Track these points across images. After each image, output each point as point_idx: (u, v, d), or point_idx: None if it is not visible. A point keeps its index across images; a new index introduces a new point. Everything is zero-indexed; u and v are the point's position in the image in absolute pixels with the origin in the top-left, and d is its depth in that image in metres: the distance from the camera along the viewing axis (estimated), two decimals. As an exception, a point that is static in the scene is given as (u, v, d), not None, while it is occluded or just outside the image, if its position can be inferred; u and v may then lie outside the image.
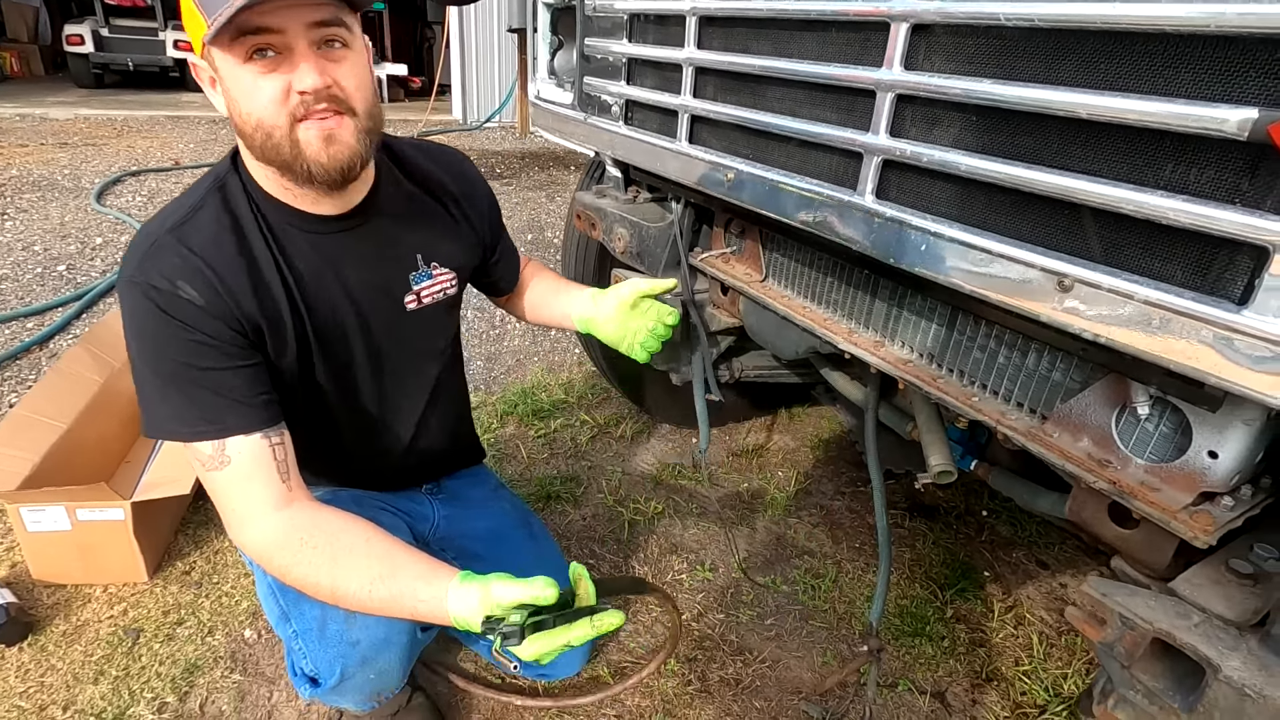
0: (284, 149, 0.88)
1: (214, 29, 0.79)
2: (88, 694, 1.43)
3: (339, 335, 1.06)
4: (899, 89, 0.85)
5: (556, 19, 1.75)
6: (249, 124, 0.87)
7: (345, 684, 1.06)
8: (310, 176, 0.91)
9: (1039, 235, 0.75)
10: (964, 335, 0.99)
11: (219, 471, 0.91)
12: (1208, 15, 0.58)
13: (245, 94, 0.86)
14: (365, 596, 0.89)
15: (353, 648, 1.03)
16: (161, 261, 0.89)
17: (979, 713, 1.52)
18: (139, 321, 0.90)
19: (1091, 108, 0.67)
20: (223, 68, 0.86)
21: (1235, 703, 0.64)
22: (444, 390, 1.27)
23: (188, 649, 1.54)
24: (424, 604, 0.87)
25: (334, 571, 0.90)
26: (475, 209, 1.22)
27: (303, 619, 1.06)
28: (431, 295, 1.15)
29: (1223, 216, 0.59)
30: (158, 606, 1.64)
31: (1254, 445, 0.72)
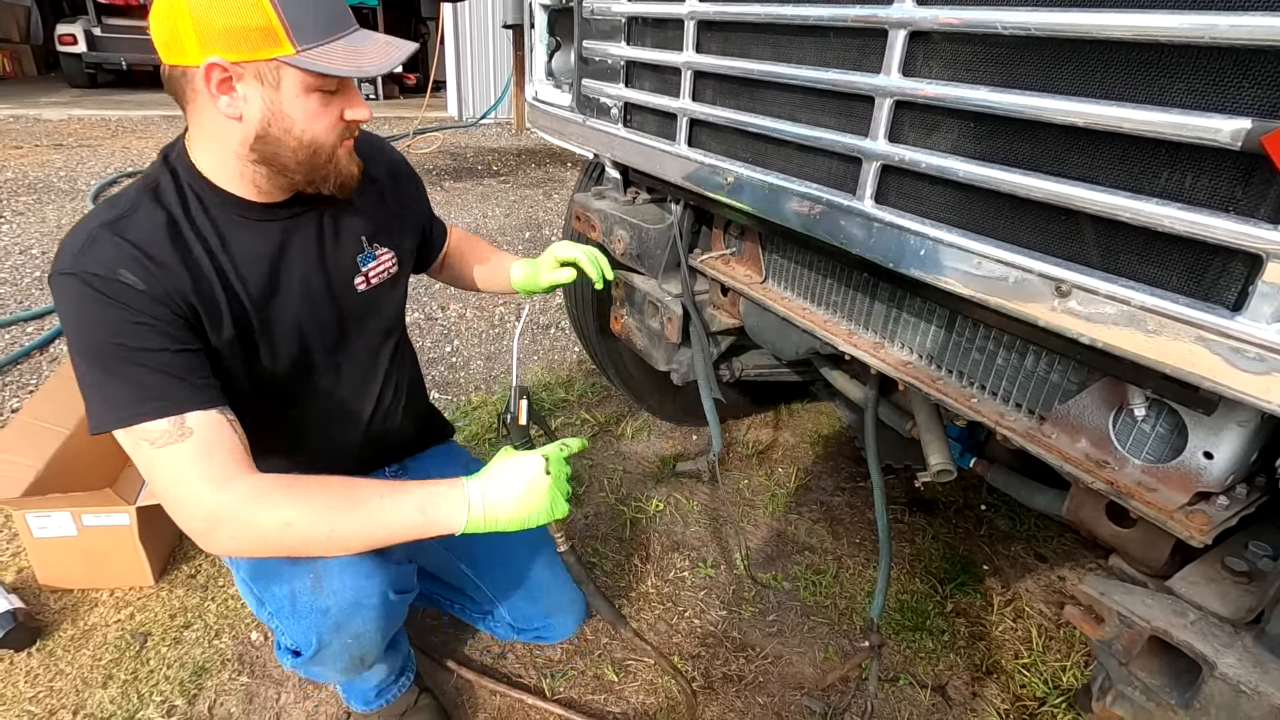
0: (324, 165, 0.97)
1: (319, 69, 0.88)
2: (97, 698, 1.44)
3: (291, 321, 1.08)
4: (897, 95, 0.86)
5: (554, 20, 1.75)
6: (296, 140, 0.93)
7: (324, 652, 1.06)
8: (338, 186, 1.00)
9: (1036, 240, 0.76)
10: (963, 337, 1.01)
11: (179, 444, 0.89)
12: (1201, 27, 0.59)
13: (305, 117, 0.92)
14: (371, 512, 0.92)
15: (324, 615, 1.03)
16: (99, 252, 0.89)
17: (979, 705, 1.54)
18: (78, 311, 0.88)
19: (1087, 116, 0.68)
20: (284, 87, 0.90)
21: (1231, 699, 0.66)
22: (397, 368, 1.30)
23: (195, 652, 1.55)
24: (438, 501, 0.94)
25: (331, 499, 0.92)
26: (407, 191, 1.28)
27: (274, 600, 1.07)
28: (378, 275, 1.19)
29: (1217, 224, 0.61)
30: (164, 610, 1.65)
31: (1248, 446, 0.73)
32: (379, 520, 0.93)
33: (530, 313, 3.31)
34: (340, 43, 0.91)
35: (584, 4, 1.47)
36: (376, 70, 0.91)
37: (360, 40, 0.93)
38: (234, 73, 0.87)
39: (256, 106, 0.90)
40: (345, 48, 0.91)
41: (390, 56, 0.93)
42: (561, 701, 1.47)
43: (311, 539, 0.91)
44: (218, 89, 0.88)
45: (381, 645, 1.14)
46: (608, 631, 1.64)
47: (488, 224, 4.61)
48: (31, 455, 1.68)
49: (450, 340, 3.02)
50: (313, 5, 0.88)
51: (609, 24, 1.42)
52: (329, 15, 0.90)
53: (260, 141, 0.92)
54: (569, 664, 1.56)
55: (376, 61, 0.91)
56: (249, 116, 0.91)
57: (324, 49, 0.88)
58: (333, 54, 0.89)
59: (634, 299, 1.63)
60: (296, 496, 0.91)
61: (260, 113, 0.90)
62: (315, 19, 0.88)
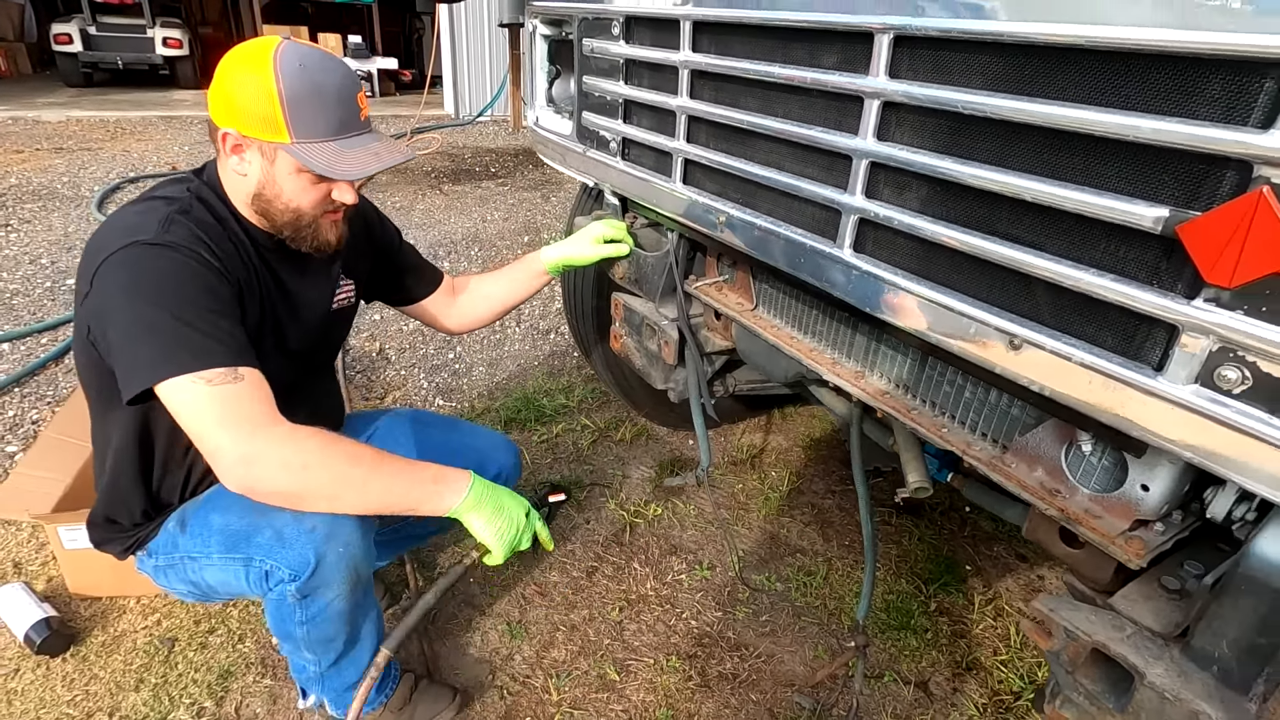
0: (305, 228, 1.17)
1: (303, 161, 1.07)
2: (130, 701, 1.53)
3: (280, 329, 1.25)
4: (872, 157, 0.95)
5: (554, 50, 1.82)
6: (283, 206, 1.14)
7: (323, 566, 1.13)
8: (314, 248, 1.20)
9: (994, 296, 0.85)
10: (935, 371, 1.10)
11: (233, 384, 1.01)
12: (1126, 126, 0.67)
13: (293, 191, 1.12)
14: (397, 470, 1.10)
15: (312, 532, 1.12)
16: (180, 231, 1.06)
17: (959, 700, 1.64)
18: (160, 272, 1.02)
19: (1034, 192, 0.76)
20: (278, 165, 1.10)
21: (1158, 705, 0.75)
22: (333, 379, 1.56)
23: (220, 656, 1.64)
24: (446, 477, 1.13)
25: (363, 454, 1.08)
26: (382, 233, 1.51)
27: (261, 546, 1.15)
28: (342, 301, 1.40)
29: (1142, 296, 0.69)
30: (189, 616, 1.74)
31: (1180, 480, 0.83)
32: (401, 480, 1.11)
33: (530, 318, 3.39)
34: (334, 144, 1.10)
35: (584, 42, 1.55)
36: (350, 175, 1.10)
37: (354, 145, 1.12)
38: (244, 143, 1.09)
39: (256, 172, 1.12)
40: (336, 149, 1.10)
41: (368, 166, 1.11)
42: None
43: (343, 486, 1.06)
44: (230, 150, 1.11)
45: (369, 557, 1.22)
46: (610, 634, 1.73)
47: (487, 229, 4.68)
48: (58, 471, 1.77)
49: (453, 348, 3.10)
50: (318, 110, 1.08)
51: (608, 63, 1.49)
52: (333, 121, 1.10)
53: (258, 198, 1.14)
54: (574, 664, 1.66)
55: (356, 168, 1.10)
56: (251, 176, 1.12)
57: (317, 146, 1.08)
58: (322, 152, 1.08)
59: (632, 321, 1.72)
60: (335, 445, 1.08)
61: (259, 177, 1.12)
62: (318, 121, 1.08)
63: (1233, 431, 0.65)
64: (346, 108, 1.11)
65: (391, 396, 2.73)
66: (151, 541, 1.29)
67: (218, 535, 1.20)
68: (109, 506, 1.29)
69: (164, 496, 1.29)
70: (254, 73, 1.05)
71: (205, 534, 1.21)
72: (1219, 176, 0.63)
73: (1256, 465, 0.64)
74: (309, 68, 1.07)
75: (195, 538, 1.22)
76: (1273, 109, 0.58)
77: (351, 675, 1.36)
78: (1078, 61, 0.71)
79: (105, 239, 1.05)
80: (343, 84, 1.11)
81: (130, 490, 1.25)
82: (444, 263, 4.03)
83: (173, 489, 1.29)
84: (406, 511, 1.13)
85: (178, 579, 1.28)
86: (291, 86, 1.05)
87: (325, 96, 1.08)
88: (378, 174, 1.26)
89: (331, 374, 1.55)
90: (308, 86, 1.07)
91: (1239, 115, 0.61)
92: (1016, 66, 0.77)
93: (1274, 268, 0.60)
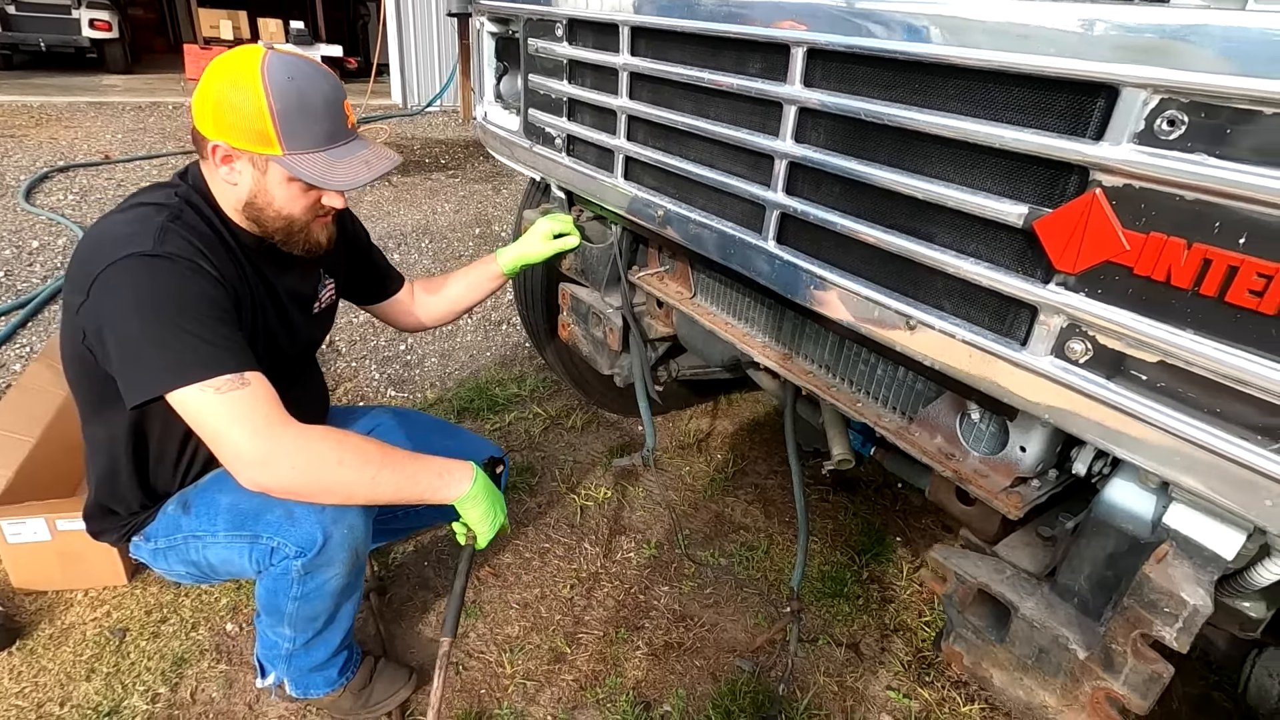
0: (297, 233, 1.21)
1: (294, 172, 1.11)
2: (82, 690, 1.54)
3: (271, 331, 1.29)
4: (790, 158, 1.04)
5: (501, 47, 1.88)
6: (274, 213, 1.17)
7: (330, 544, 1.18)
8: (306, 250, 1.22)
9: (894, 282, 0.96)
10: (851, 351, 1.21)
11: (241, 390, 1.05)
12: (992, 135, 0.78)
13: (284, 199, 1.16)
14: (404, 465, 1.15)
15: (321, 511, 1.18)
16: (176, 241, 1.09)
17: (886, 659, 1.78)
18: (162, 284, 1.05)
19: (923, 191, 0.87)
20: (269, 175, 1.13)
21: (1029, 633, 0.88)
22: (317, 370, 1.62)
23: (173, 644, 1.66)
24: (453, 470, 1.22)
25: (373, 450, 1.13)
26: (354, 233, 1.56)
27: (271, 524, 1.19)
28: (327, 299, 1.46)
29: (1010, 281, 0.81)
30: (140, 607, 1.75)
31: (1051, 441, 0.95)
32: (409, 472, 1.17)
33: (483, 310, 3.42)
34: (324, 154, 1.14)
35: (529, 42, 1.61)
36: (342, 186, 1.15)
37: (345, 154, 1.16)
38: (234, 154, 1.12)
39: (247, 182, 1.15)
40: (327, 159, 1.14)
41: (360, 176, 1.16)
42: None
43: (357, 480, 1.12)
44: (220, 162, 1.13)
45: (368, 540, 1.28)
46: (561, 609, 1.82)
47: (437, 221, 4.67)
48: (1, 465, 1.75)
49: (404, 340, 3.12)
50: (309, 122, 1.11)
51: (553, 62, 1.56)
52: (323, 132, 1.13)
53: (249, 206, 1.17)
54: (526, 639, 1.73)
55: (348, 178, 1.15)
56: (242, 185, 1.15)
57: (308, 157, 1.12)
58: (313, 162, 1.12)
59: (579, 310, 1.79)
60: (346, 442, 1.12)
61: (250, 187, 1.15)
62: (308, 133, 1.11)
63: (1078, 395, 0.77)
64: (335, 117, 1.15)
65: (343, 389, 2.74)
66: (149, 526, 1.33)
67: (225, 514, 1.24)
68: (106, 499, 1.32)
69: (161, 486, 1.33)
70: (243, 86, 1.07)
71: (212, 513, 1.25)
72: (1066, 180, 0.75)
73: (1096, 422, 0.76)
74: (297, 79, 1.10)
75: (200, 517, 1.26)
76: (1103, 123, 0.70)
77: (319, 656, 1.41)
78: (956, 78, 0.82)
79: (99, 249, 1.07)
80: (330, 94, 1.15)
81: (128, 483, 1.29)
82: (394, 255, 4.02)
83: (169, 480, 1.32)
84: (415, 502, 1.20)
85: (178, 560, 1.32)
86: (281, 99, 1.08)
87: (314, 108, 1.12)
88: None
89: (315, 367, 1.61)
90: (297, 99, 1.10)
91: (1079, 128, 0.73)
92: (907, 81, 0.87)
93: (1106, 256, 0.72)
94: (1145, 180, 0.68)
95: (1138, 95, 0.67)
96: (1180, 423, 0.70)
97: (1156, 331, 0.70)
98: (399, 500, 1.18)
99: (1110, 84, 0.68)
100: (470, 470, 1.23)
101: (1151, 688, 0.78)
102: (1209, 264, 0.65)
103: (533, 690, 1.61)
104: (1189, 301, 0.68)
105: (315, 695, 1.48)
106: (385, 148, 1.25)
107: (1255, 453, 0.66)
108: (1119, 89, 0.68)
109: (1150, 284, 0.70)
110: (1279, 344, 0.63)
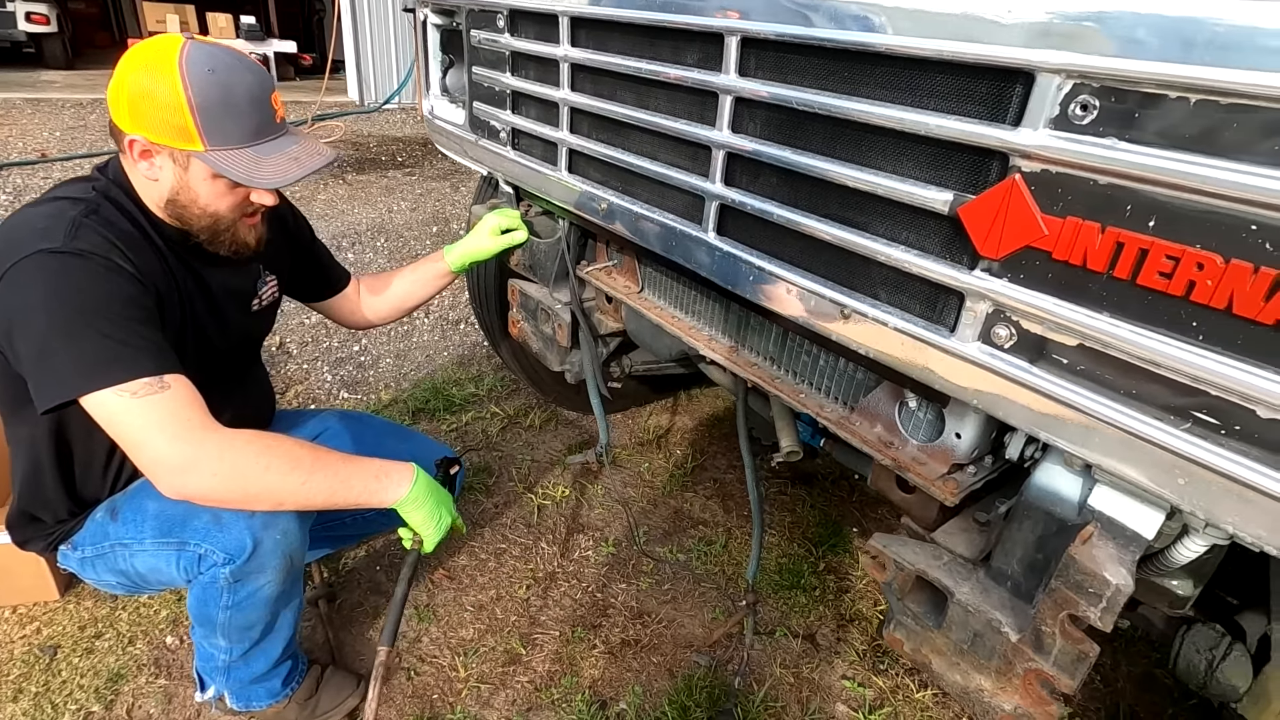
0: (223, 232, 1.16)
1: (218, 169, 1.05)
2: (8, 711, 1.47)
3: (202, 329, 1.24)
4: (727, 147, 1.04)
5: (446, 39, 1.84)
6: (199, 210, 1.12)
7: (260, 550, 1.14)
8: (232, 251, 1.18)
9: (830, 272, 0.96)
10: (795, 343, 1.21)
11: (160, 394, 0.99)
12: (918, 122, 0.79)
13: (209, 196, 1.10)
14: (337, 469, 1.10)
15: (251, 517, 1.13)
16: (89, 236, 1.03)
17: (842, 649, 1.79)
18: (71, 283, 0.99)
19: (854, 179, 0.87)
20: (192, 172, 1.08)
21: (964, 618, 0.89)
22: (261, 370, 1.57)
23: (109, 660, 1.59)
24: (390, 472, 1.17)
25: (303, 454, 1.08)
26: (296, 228, 1.51)
27: (198, 530, 1.15)
28: (267, 297, 1.41)
29: (938, 269, 0.81)
30: (73, 623, 1.67)
31: (986, 427, 0.96)
32: (342, 476, 1.11)
33: (440, 309, 3.37)
34: (250, 150, 1.08)
35: (472, 33, 1.58)
36: (269, 184, 1.09)
37: (271, 150, 1.10)
38: (153, 149, 1.06)
39: (169, 178, 1.10)
40: (253, 156, 1.08)
41: (289, 173, 1.10)
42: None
43: (286, 486, 1.06)
44: (139, 157, 1.08)
45: (304, 546, 1.24)
46: (517, 611, 1.79)
47: (393, 219, 4.58)
48: (-81, 478, 1.66)
49: (358, 340, 3.05)
50: (232, 117, 1.06)
51: (496, 55, 1.53)
52: (248, 127, 1.08)
53: (172, 203, 1.12)
54: (481, 642, 1.71)
55: (276, 176, 1.09)
56: (164, 181, 1.10)
57: (232, 153, 1.07)
58: (238, 159, 1.07)
59: (528, 306, 1.77)
60: (275, 447, 1.07)
61: (172, 183, 1.10)
62: (233, 128, 1.06)
63: (1004, 380, 0.77)
64: (261, 111, 1.10)
65: (293, 391, 2.67)
66: (77, 534, 1.27)
67: (152, 520, 1.18)
68: (30, 505, 1.26)
69: (89, 494, 1.27)
70: (159, 78, 1.02)
71: (139, 520, 1.20)
72: (988, 166, 0.75)
73: (1021, 406, 0.77)
74: (219, 71, 1.04)
75: (128, 524, 1.21)
76: (1020, 109, 0.70)
77: (259, 667, 1.36)
78: (884, 66, 0.82)
79: (9, 245, 1.01)
80: (256, 87, 1.09)
81: (53, 488, 1.23)
82: (349, 254, 3.93)
83: (99, 486, 1.27)
84: (353, 506, 1.15)
85: (106, 569, 1.26)
86: (202, 93, 1.02)
87: (238, 102, 1.06)
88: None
89: (259, 366, 1.54)
90: (219, 92, 1.04)
91: (999, 114, 0.73)
92: (838, 69, 0.87)
93: (1027, 241, 0.72)
94: (1061, 165, 0.68)
95: (1052, 80, 0.67)
96: (1099, 405, 0.71)
97: (1075, 315, 0.71)
98: (334, 505, 1.14)
99: (1026, 70, 0.69)
100: (410, 472, 1.19)
101: (1079, 667, 0.79)
102: (1121, 247, 0.66)
103: (487, 693, 1.59)
104: (1105, 285, 0.69)
105: (258, 707, 1.43)
106: (319, 143, 1.21)
107: (1169, 433, 0.67)
108: (1034, 74, 0.68)
109: (1068, 268, 0.70)
110: (1187, 325, 0.64)
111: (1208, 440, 0.65)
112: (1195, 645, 0.99)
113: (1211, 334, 0.63)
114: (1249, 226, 0.58)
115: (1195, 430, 0.66)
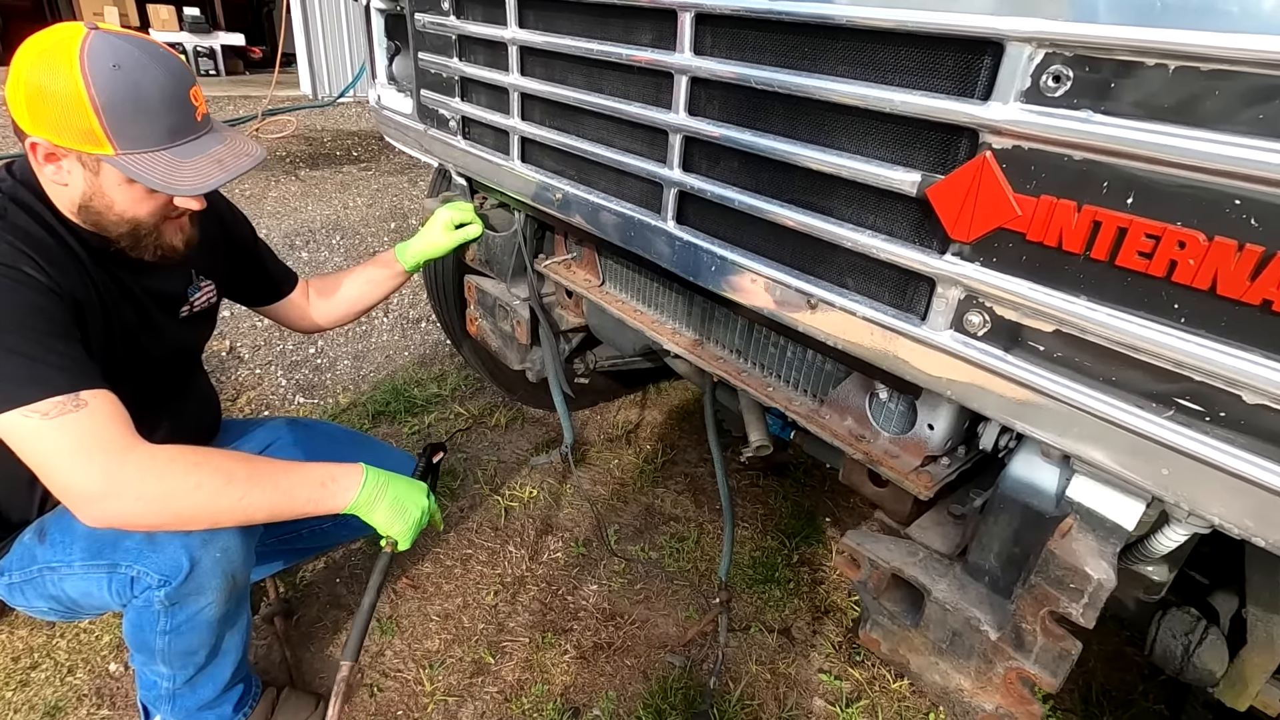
0: (145, 237, 1.06)
1: (132, 175, 0.96)
2: (-66, 755, 1.37)
3: (133, 339, 1.16)
4: (685, 131, 0.98)
5: (391, 25, 1.75)
6: (116, 217, 1.02)
7: (197, 571, 1.07)
8: (158, 256, 1.09)
9: (795, 260, 0.91)
10: (761, 334, 1.17)
11: (75, 413, 0.92)
12: (883, 99, 0.74)
13: (125, 202, 1.00)
14: (278, 480, 1.02)
15: (187, 535, 1.06)
16: None
17: (818, 642, 1.77)
18: None
19: (817, 161, 0.83)
20: (103, 176, 0.98)
21: (941, 616, 0.85)
22: (203, 377, 1.48)
23: (46, 692, 1.49)
24: (337, 476, 1.09)
25: (238, 467, 1.00)
26: (235, 228, 1.41)
27: (130, 551, 1.07)
28: (202, 302, 1.32)
29: (907, 254, 0.77)
30: (6, 654, 1.57)
31: (959, 418, 0.93)
32: (284, 487, 1.03)
33: (400, 307, 3.27)
34: (167, 153, 0.98)
35: (416, 17, 1.50)
36: (190, 191, 0.99)
37: (191, 152, 1.00)
38: (59, 153, 0.96)
39: (79, 183, 0.99)
40: (171, 159, 0.98)
41: (211, 177, 1.01)
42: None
43: (220, 504, 0.98)
44: (44, 160, 0.98)
45: (248, 564, 1.17)
46: (485, 618, 1.73)
47: (349, 215, 4.44)
48: None
49: (314, 342, 2.94)
50: (144, 118, 0.95)
51: (442, 39, 1.45)
52: (164, 128, 0.98)
53: (85, 210, 1.02)
54: (447, 653, 1.64)
55: (197, 181, 0.99)
56: (74, 186, 1.00)
57: (147, 156, 0.97)
58: (155, 163, 0.97)
59: (485, 302, 1.70)
60: (204, 462, 0.98)
61: (83, 189, 1.00)
62: (145, 129, 0.96)
63: (978, 369, 0.74)
64: (178, 110, 0.99)
65: (246, 397, 2.55)
66: (3, 559, 1.18)
67: (81, 541, 1.10)
68: None
69: (15, 516, 1.18)
70: (57, 74, 0.91)
71: (67, 541, 1.11)
72: (957, 144, 0.71)
73: (996, 395, 0.74)
74: (126, 68, 0.93)
75: (56, 546, 1.12)
76: (990, 82, 0.66)
77: (206, 693, 1.28)
78: (845, 40, 0.78)
79: None
80: (170, 83, 0.98)
81: None
82: (302, 253, 3.80)
83: (25, 507, 1.18)
84: (301, 515, 1.07)
85: (36, 595, 1.17)
86: (107, 92, 0.92)
87: (149, 100, 0.96)
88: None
89: (200, 374, 1.45)
90: (127, 91, 0.94)
91: (967, 88, 0.69)
92: (798, 45, 0.82)
93: (999, 222, 0.68)
94: (1034, 140, 0.64)
95: (1023, 50, 0.63)
96: (1077, 393, 0.68)
97: (1051, 300, 0.67)
98: (280, 518, 1.06)
99: (995, 39, 0.65)
100: (358, 473, 1.12)
101: (1061, 665, 0.76)
102: (1099, 226, 0.62)
103: (454, 706, 1.53)
104: (1081, 267, 0.65)
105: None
106: (247, 140, 1.10)
107: (1150, 421, 0.64)
108: (1004, 44, 0.64)
109: (1044, 250, 0.67)
110: (1169, 308, 0.61)
111: (1191, 428, 0.62)
112: (1171, 631, 0.98)
113: (1194, 316, 0.60)
114: (1233, 202, 0.55)
115: (1178, 417, 0.63)
